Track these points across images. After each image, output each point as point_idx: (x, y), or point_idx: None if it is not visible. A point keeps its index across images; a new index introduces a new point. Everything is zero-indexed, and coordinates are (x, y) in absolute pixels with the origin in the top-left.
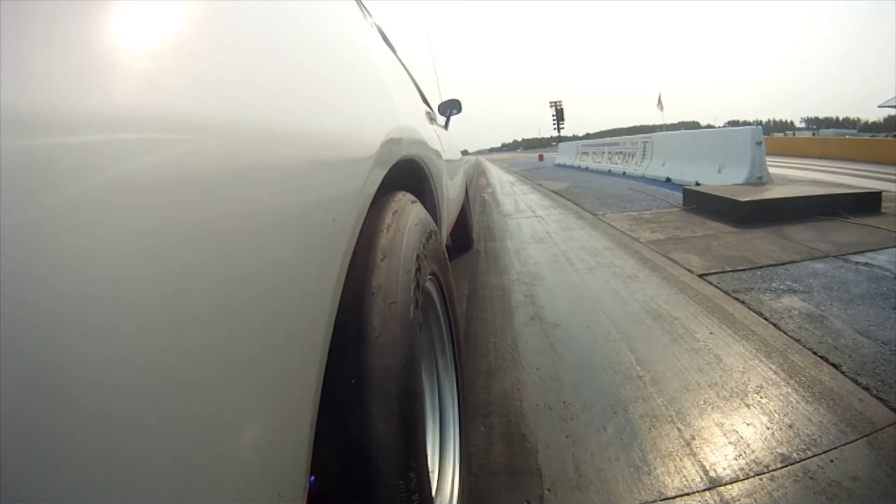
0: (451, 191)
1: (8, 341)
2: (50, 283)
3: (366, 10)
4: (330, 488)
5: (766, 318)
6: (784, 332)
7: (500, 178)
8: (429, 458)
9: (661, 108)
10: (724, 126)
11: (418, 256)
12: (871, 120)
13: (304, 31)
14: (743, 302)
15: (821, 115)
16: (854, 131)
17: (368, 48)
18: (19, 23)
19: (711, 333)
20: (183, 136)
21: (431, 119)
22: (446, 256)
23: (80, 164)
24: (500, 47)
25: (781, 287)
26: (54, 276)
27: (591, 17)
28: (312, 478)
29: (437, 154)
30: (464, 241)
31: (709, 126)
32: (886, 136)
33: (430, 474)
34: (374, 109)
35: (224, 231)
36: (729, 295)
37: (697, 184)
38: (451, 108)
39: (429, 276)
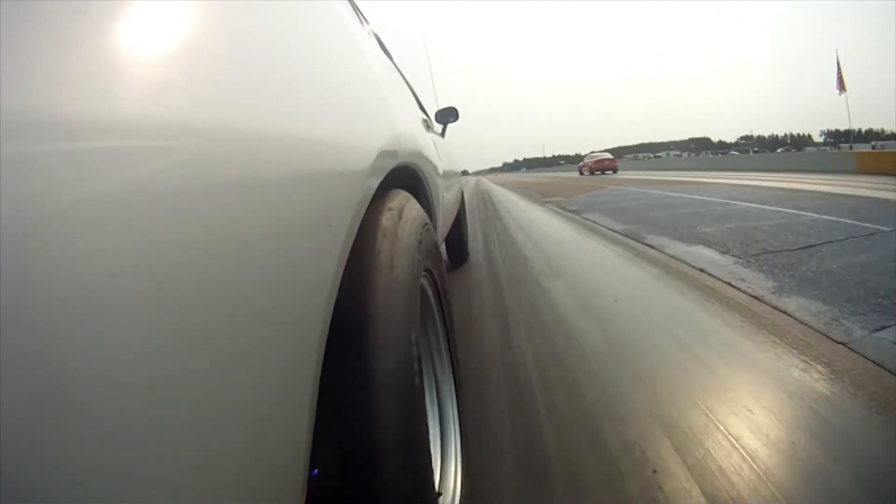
0: (447, 197)
1: (8, 342)
2: (51, 286)
3: (363, 17)
4: (329, 488)
5: None
6: None
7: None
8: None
9: (843, 90)
10: (737, 142)
11: (414, 254)
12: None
13: (301, 40)
14: None
15: (841, 128)
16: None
17: (366, 57)
18: (21, 26)
19: None
20: (182, 142)
21: (428, 127)
22: (440, 253)
23: (80, 168)
24: (500, 64)
25: None
26: (55, 279)
27: (588, 37)
28: (315, 471)
29: (433, 162)
30: (459, 252)
31: (720, 142)
32: None
33: (433, 471)
34: (372, 117)
35: (223, 234)
36: None
37: None
38: (448, 116)
39: (423, 273)
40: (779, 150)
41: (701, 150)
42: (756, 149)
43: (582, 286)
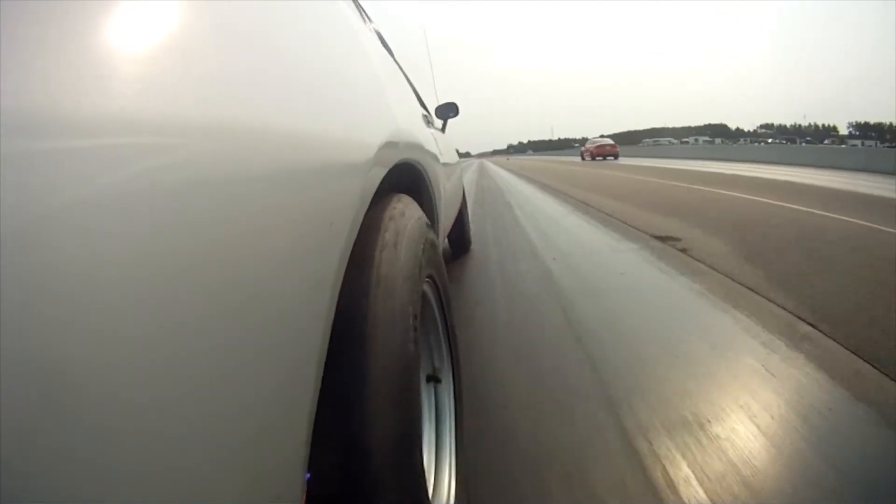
0: (448, 193)
1: (8, 342)
2: (51, 285)
3: (365, 14)
4: (327, 489)
5: None
6: None
7: None
8: (426, 458)
9: None
10: (756, 130)
11: (415, 258)
12: None
13: (304, 36)
14: None
15: (871, 121)
16: None
17: (368, 54)
18: (20, 26)
19: None
20: (184, 140)
21: (428, 122)
22: (442, 259)
23: (80, 167)
24: (506, 51)
25: None
26: (55, 278)
27: (601, 14)
28: (308, 475)
29: (435, 157)
30: (460, 245)
31: (738, 130)
32: None
33: (427, 475)
34: (373, 114)
35: (224, 235)
36: None
37: None
38: (448, 111)
39: (426, 279)
40: (826, 142)
41: (727, 138)
42: (809, 139)
43: None
